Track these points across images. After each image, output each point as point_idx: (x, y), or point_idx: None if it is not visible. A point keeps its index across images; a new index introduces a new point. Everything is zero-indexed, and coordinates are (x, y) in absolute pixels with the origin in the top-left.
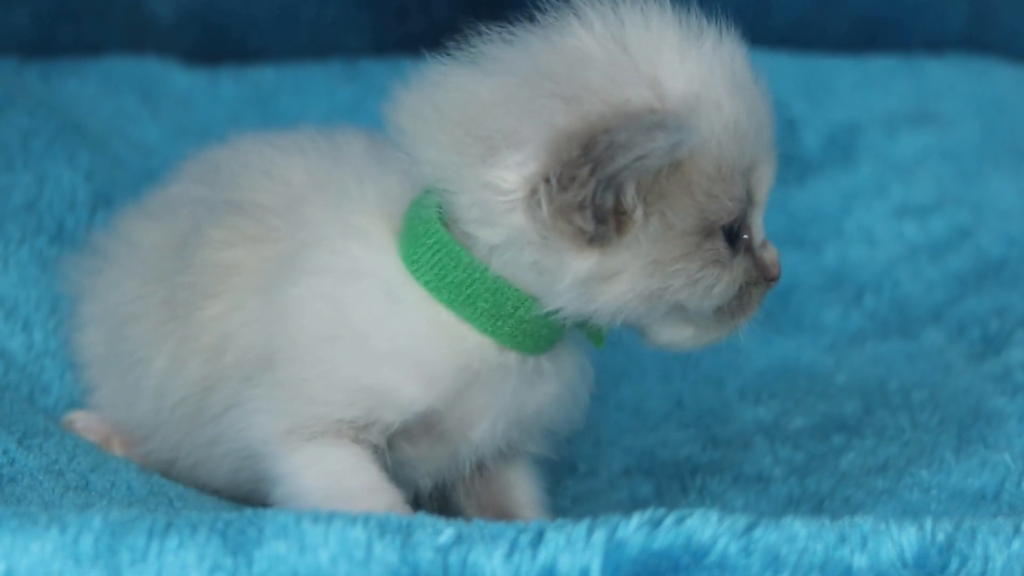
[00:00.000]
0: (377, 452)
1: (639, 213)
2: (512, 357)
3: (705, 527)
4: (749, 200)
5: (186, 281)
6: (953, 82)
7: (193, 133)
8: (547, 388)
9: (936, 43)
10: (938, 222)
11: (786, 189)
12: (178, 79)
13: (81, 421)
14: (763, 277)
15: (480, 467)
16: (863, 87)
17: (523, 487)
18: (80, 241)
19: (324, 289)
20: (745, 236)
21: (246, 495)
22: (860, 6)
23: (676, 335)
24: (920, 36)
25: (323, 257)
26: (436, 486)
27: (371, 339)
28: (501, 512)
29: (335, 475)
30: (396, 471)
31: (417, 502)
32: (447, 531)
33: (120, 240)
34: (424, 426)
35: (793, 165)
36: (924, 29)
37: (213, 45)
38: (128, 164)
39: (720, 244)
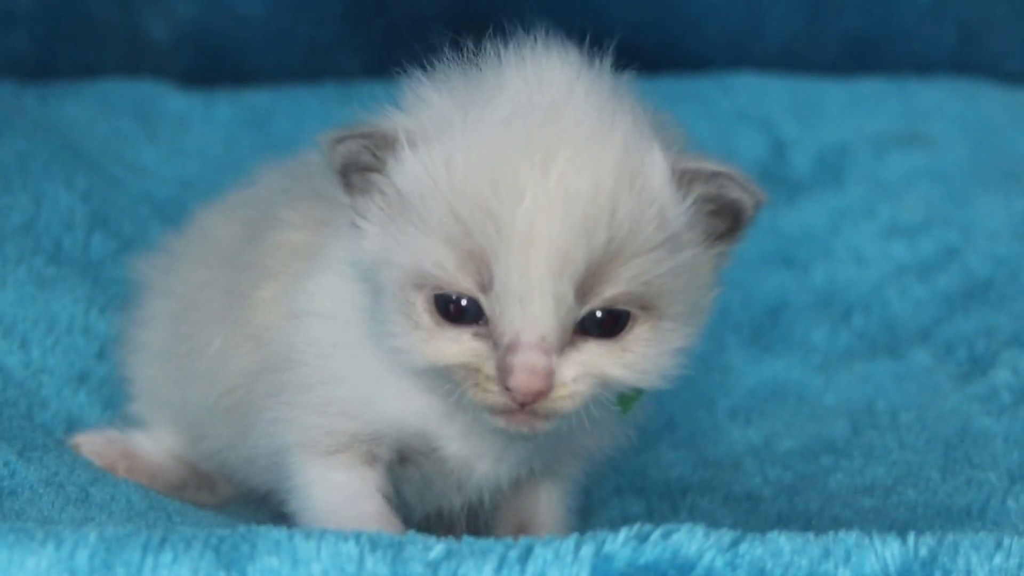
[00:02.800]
0: (390, 471)
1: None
2: None
3: (691, 542)
4: (483, 286)
5: (251, 261)
6: (941, 104)
7: (189, 155)
8: (563, 424)
9: (925, 65)
10: (926, 242)
11: (776, 210)
12: (174, 102)
13: (88, 445)
14: (501, 381)
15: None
16: (852, 109)
17: (546, 505)
18: (77, 261)
19: (326, 290)
20: (480, 319)
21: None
22: (850, 29)
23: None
24: (909, 58)
25: (334, 254)
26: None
27: (349, 352)
28: (521, 528)
29: (339, 503)
30: (425, 486)
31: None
32: (437, 547)
33: (193, 234)
34: (426, 449)
35: (783, 186)
36: (913, 52)
37: (209, 68)
38: (125, 185)
39: (422, 302)
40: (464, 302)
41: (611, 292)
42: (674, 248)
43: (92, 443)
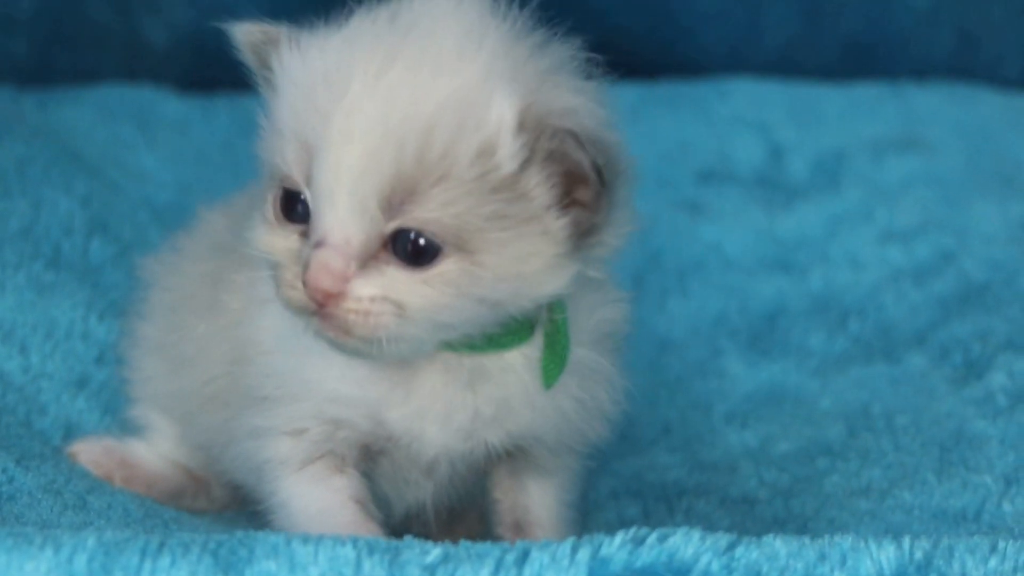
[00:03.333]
0: (364, 472)
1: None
2: (438, 354)
3: (687, 545)
4: (308, 180)
5: (234, 246)
6: (938, 109)
7: (188, 160)
8: (507, 387)
9: (922, 70)
10: (922, 247)
11: (773, 214)
12: (173, 107)
13: (85, 454)
14: (302, 277)
15: (507, 465)
16: (850, 114)
17: (540, 502)
18: (76, 266)
19: (265, 284)
20: (301, 219)
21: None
22: (847, 34)
23: None
24: (906, 64)
25: None
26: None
27: (298, 332)
28: (517, 526)
29: (314, 517)
30: (399, 476)
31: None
32: (434, 551)
33: (195, 230)
34: (383, 429)
35: (780, 191)
36: (910, 57)
37: (207, 73)
38: (124, 190)
39: (272, 197)
40: (297, 203)
41: (419, 213)
42: (500, 193)
43: (89, 452)
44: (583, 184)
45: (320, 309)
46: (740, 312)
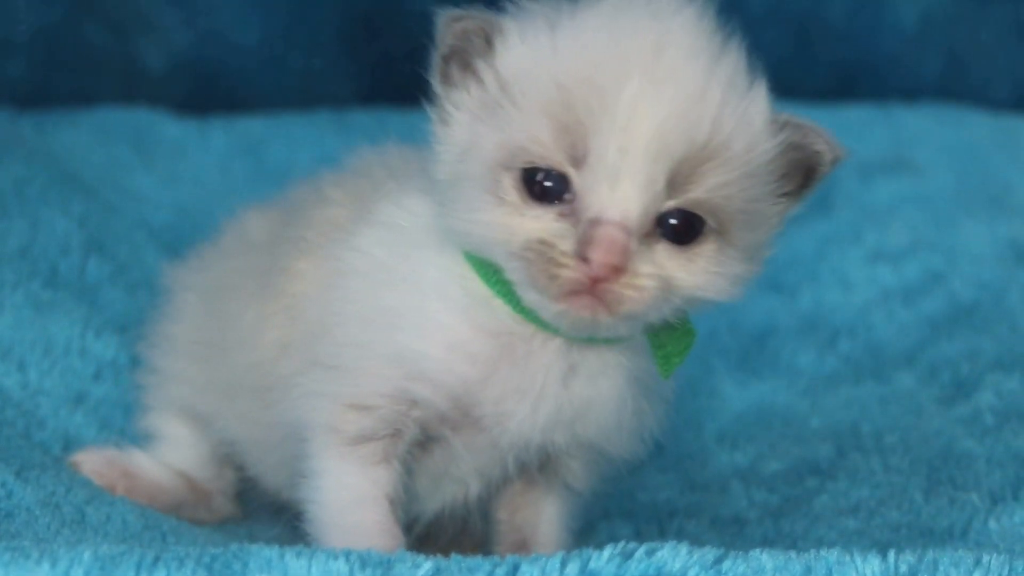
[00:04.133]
0: (407, 465)
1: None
2: (549, 339)
3: (675, 559)
4: (575, 160)
5: (289, 236)
6: (927, 130)
7: (184, 181)
8: (596, 388)
9: (911, 92)
10: (912, 267)
11: None
12: (169, 129)
13: (88, 464)
14: (578, 253)
15: (521, 482)
16: (839, 135)
17: (548, 521)
18: (73, 285)
19: (374, 243)
20: (566, 196)
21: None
22: (837, 56)
23: (524, 295)
24: (895, 86)
25: (373, 221)
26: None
27: (402, 306)
28: (521, 545)
29: (344, 504)
30: (444, 470)
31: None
32: (426, 564)
33: (229, 231)
34: (461, 410)
35: None
36: (899, 79)
37: (203, 96)
38: (120, 211)
39: (510, 179)
40: (550, 182)
41: (696, 193)
42: (755, 179)
43: (92, 462)
44: (797, 176)
45: (595, 286)
46: (731, 331)
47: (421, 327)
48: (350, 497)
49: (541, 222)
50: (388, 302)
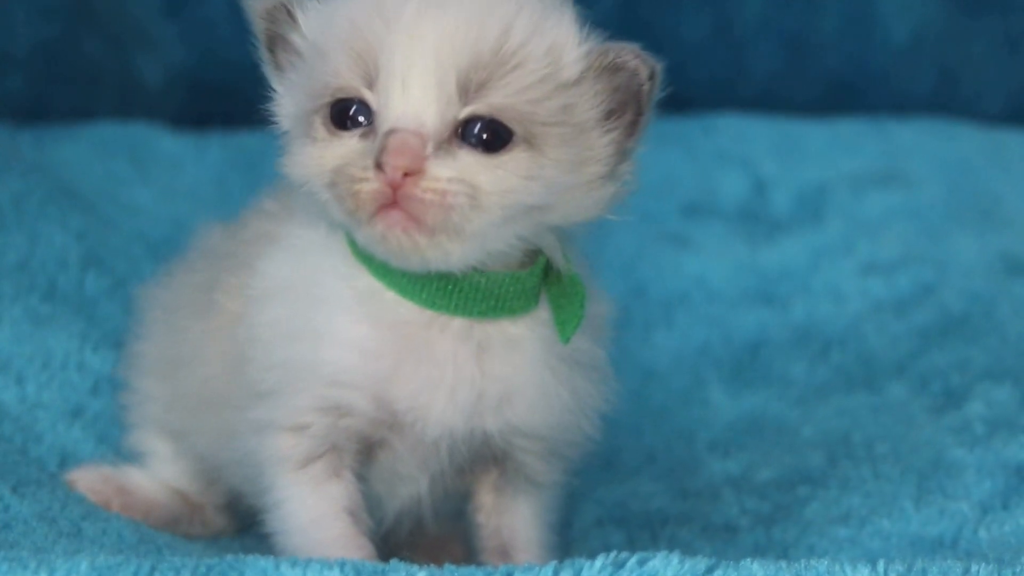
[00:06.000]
0: (359, 474)
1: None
2: (447, 323)
3: (667, 568)
4: (369, 82)
5: (229, 251)
6: (919, 144)
7: (181, 196)
8: (512, 365)
9: (903, 106)
10: (903, 279)
11: (756, 247)
12: (167, 144)
13: (83, 481)
14: (376, 165)
15: (490, 486)
16: (832, 148)
17: (525, 522)
18: (71, 299)
19: (270, 279)
20: (369, 119)
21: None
22: (830, 71)
23: (344, 226)
24: (887, 99)
25: (281, 242)
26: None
27: (309, 319)
28: (503, 550)
29: (306, 525)
30: (393, 471)
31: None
32: (419, 574)
33: (195, 245)
34: (386, 409)
35: (763, 224)
36: (891, 93)
37: (201, 111)
38: (118, 225)
39: (319, 117)
40: (351, 109)
41: (494, 98)
42: (565, 94)
43: (87, 480)
44: (626, 107)
45: (396, 192)
46: (723, 343)
47: (326, 334)
48: (309, 517)
49: (345, 147)
50: (297, 318)
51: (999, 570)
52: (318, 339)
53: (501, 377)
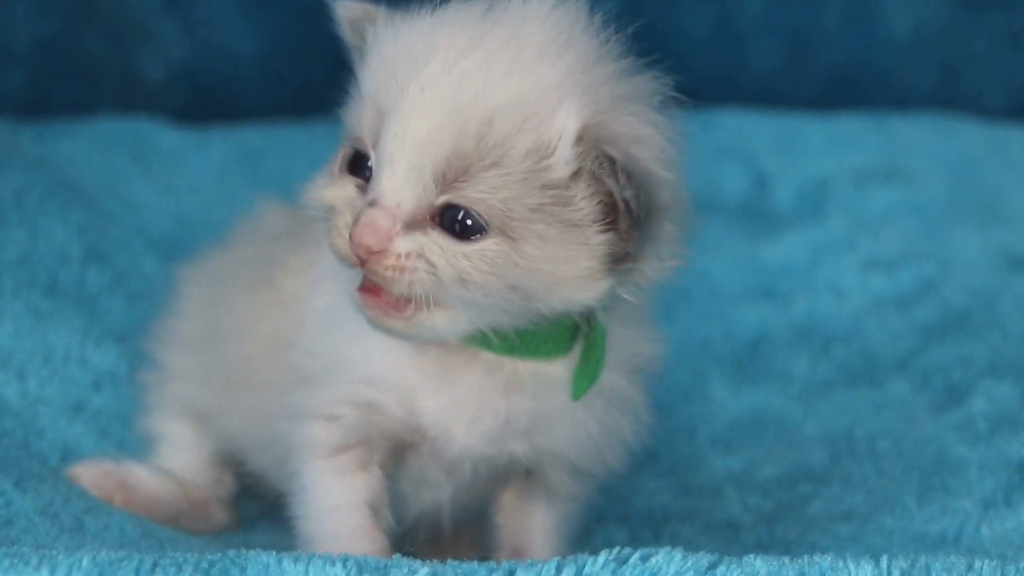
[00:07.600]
0: (388, 470)
1: None
2: (479, 351)
3: (670, 565)
4: (375, 142)
5: (289, 230)
6: (921, 139)
7: (182, 191)
8: (546, 401)
9: (905, 102)
10: (905, 275)
11: (757, 242)
12: (168, 139)
13: (86, 476)
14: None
15: (515, 489)
16: (833, 144)
17: (543, 528)
18: (73, 294)
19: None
20: (368, 174)
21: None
22: (831, 67)
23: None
24: (889, 95)
25: None
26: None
27: (348, 309)
28: (517, 552)
29: (325, 511)
30: (420, 476)
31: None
32: (422, 570)
33: (245, 223)
34: (415, 426)
35: (765, 220)
36: (893, 88)
37: (202, 106)
38: (119, 220)
39: (341, 155)
40: (360, 158)
41: (469, 191)
42: (549, 192)
43: (90, 474)
44: (619, 212)
45: (363, 265)
46: (725, 339)
47: (366, 333)
48: (329, 505)
49: (344, 191)
50: (345, 309)
51: (1002, 567)
52: (358, 335)
53: (528, 410)
